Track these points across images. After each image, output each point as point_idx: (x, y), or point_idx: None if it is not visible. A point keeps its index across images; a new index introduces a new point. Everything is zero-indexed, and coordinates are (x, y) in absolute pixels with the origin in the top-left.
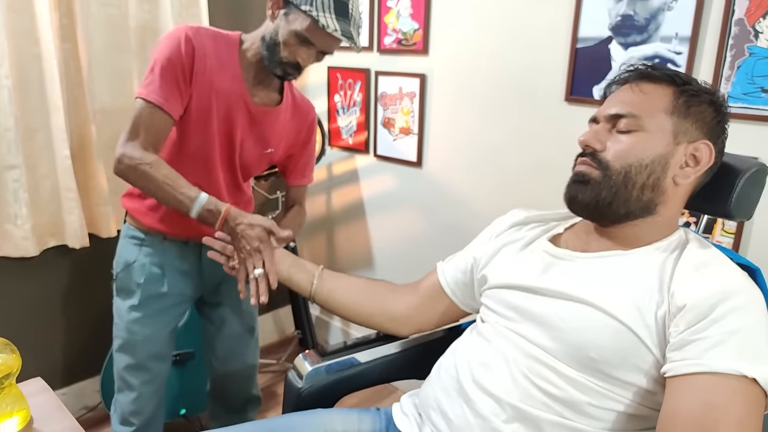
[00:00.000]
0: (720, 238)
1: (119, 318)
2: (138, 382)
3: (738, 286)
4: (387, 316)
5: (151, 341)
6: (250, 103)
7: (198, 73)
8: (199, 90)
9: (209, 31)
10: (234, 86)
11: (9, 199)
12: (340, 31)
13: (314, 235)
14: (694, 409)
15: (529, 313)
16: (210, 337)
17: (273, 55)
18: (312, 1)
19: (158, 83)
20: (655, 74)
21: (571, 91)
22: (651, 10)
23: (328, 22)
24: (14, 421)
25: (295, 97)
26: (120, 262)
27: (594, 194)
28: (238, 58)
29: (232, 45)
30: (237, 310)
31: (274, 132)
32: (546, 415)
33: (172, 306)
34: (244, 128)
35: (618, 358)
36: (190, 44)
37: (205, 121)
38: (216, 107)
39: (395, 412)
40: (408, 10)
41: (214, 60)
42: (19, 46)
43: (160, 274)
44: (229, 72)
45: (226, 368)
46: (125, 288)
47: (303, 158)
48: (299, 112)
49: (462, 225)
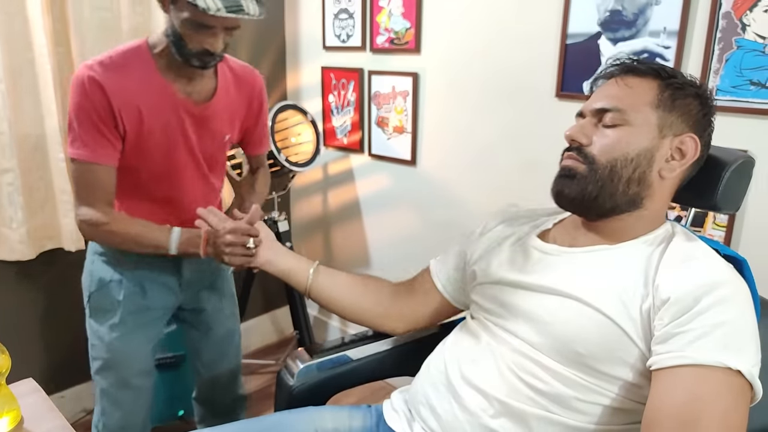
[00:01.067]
0: (712, 232)
1: (97, 339)
2: (127, 400)
3: (723, 278)
4: (381, 313)
5: (136, 358)
6: (189, 105)
7: (119, 107)
8: (130, 121)
9: (114, 56)
10: (164, 98)
11: (4, 202)
12: (224, 8)
13: (311, 235)
14: (679, 401)
15: (516, 308)
16: (195, 343)
17: (181, 49)
18: None
19: (82, 138)
20: (640, 68)
21: (562, 87)
22: (639, 5)
23: (208, 4)
24: (4, 421)
25: (234, 70)
26: (93, 281)
27: (580, 188)
28: (155, 65)
29: (144, 55)
30: (220, 314)
31: (223, 120)
32: (533, 410)
33: (155, 319)
34: (194, 131)
35: (604, 351)
36: (96, 86)
37: (152, 146)
38: (158, 127)
39: (386, 408)
40: (400, 9)
41: (132, 82)
42: (13, 50)
43: (140, 288)
44: (153, 85)
45: (213, 372)
46: (102, 307)
47: (258, 128)
48: (244, 85)
49: (456, 222)
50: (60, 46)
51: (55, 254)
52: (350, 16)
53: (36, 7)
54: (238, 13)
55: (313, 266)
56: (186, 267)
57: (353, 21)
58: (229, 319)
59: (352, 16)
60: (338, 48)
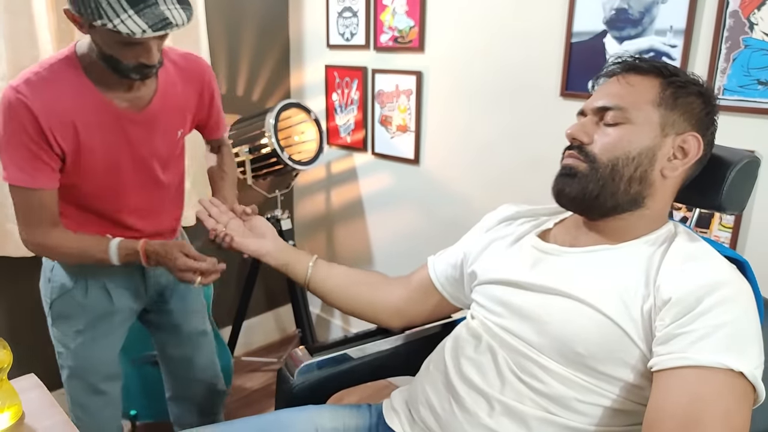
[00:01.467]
0: (718, 233)
1: (63, 347)
2: (97, 407)
3: (725, 279)
4: (378, 307)
5: (103, 363)
6: (131, 115)
7: (51, 128)
8: (66, 140)
9: (41, 72)
10: (100, 110)
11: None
12: (150, 28)
13: (314, 233)
14: (680, 402)
15: (517, 308)
16: (163, 344)
17: (116, 66)
18: (99, 11)
19: (15, 164)
20: (642, 66)
21: (567, 86)
22: (645, 4)
23: (131, 27)
24: (5, 416)
25: (176, 63)
26: (54, 287)
27: (581, 187)
28: (88, 78)
29: (74, 67)
30: (185, 312)
31: (172, 116)
32: (532, 411)
33: (120, 322)
34: (142, 140)
35: (604, 352)
36: (23, 108)
37: (95, 162)
38: (98, 144)
39: (385, 408)
40: (403, 8)
41: (64, 99)
42: (17, 48)
43: (104, 291)
44: (88, 101)
45: (186, 370)
46: (65, 314)
47: (214, 114)
48: (190, 77)
49: (459, 221)
50: (64, 44)
51: None
52: (354, 14)
53: (41, 5)
54: (165, 29)
55: (312, 259)
56: (150, 268)
57: (357, 19)
58: (195, 315)
59: (356, 14)
60: (342, 46)
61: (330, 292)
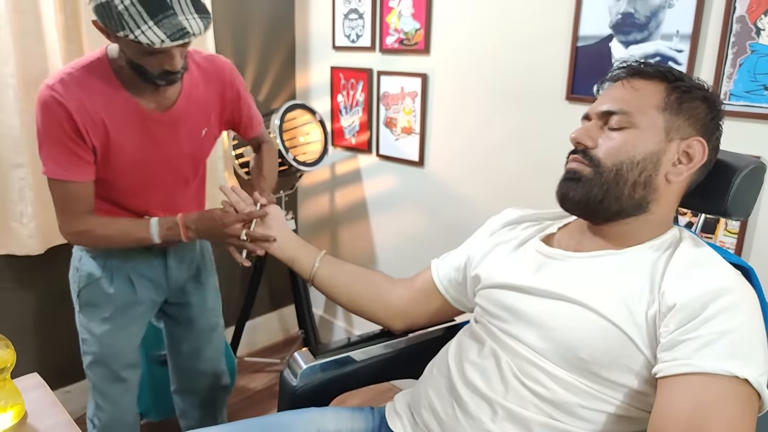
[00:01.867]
0: (723, 239)
1: (88, 333)
2: (117, 393)
3: (730, 285)
4: (381, 306)
5: (125, 351)
6: (157, 116)
7: (84, 123)
8: (97, 138)
9: (75, 72)
10: (129, 110)
11: (14, 197)
12: (168, 38)
13: (318, 234)
14: (685, 409)
15: (521, 313)
16: (176, 337)
17: (143, 74)
18: (121, 22)
19: (53, 158)
20: (647, 70)
21: (572, 90)
22: (651, 8)
23: (151, 38)
24: (8, 415)
25: (200, 65)
26: (82, 276)
27: (585, 191)
28: (118, 79)
29: (105, 69)
30: (203, 308)
31: (196, 118)
32: (536, 416)
33: (143, 313)
34: (168, 140)
35: (608, 358)
36: (58, 106)
37: (124, 162)
38: (126, 144)
39: (388, 411)
40: (409, 10)
41: (96, 99)
42: (25, 46)
43: (129, 283)
44: (117, 101)
45: (193, 364)
46: (92, 302)
47: (244, 113)
48: (212, 78)
49: (464, 224)
50: (72, 43)
51: (63, 250)
52: (360, 16)
53: (49, 4)
54: (183, 38)
55: (320, 255)
56: (172, 261)
57: (363, 21)
58: (212, 312)
59: (362, 16)
60: (348, 48)
61: (334, 289)
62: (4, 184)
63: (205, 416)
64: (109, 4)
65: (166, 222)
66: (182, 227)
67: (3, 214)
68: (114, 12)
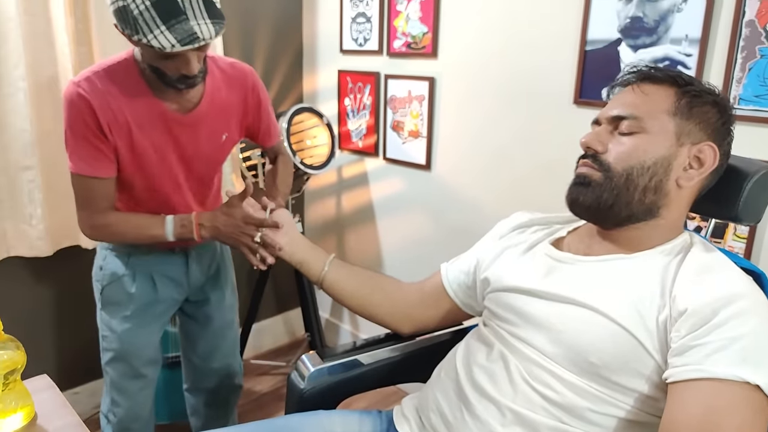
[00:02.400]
0: (732, 243)
1: (109, 330)
2: (135, 390)
3: (741, 291)
4: (389, 310)
5: (146, 348)
6: (179, 117)
7: (108, 121)
8: (120, 137)
9: (101, 71)
10: (152, 110)
11: (24, 199)
12: (178, 43)
13: (325, 238)
14: (695, 414)
15: (530, 316)
16: (192, 335)
17: (162, 77)
18: (136, 26)
19: (77, 154)
20: (657, 75)
21: (580, 94)
22: (660, 12)
23: (162, 42)
24: (18, 417)
25: (224, 70)
26: (105, 275)
27: (595, 196)
28: (144, 80)
29: (132, 70)
30: (221, 306)
31: (217, 121)
32: (545, 420)
33: (163, 311)
34: (188, 141)
35: (618, 362)
36: (83, 101)
37: (143, 159)
38: (147, 140)
39: (396, 414)
40: (417, 14)
41: (121, 99)
42: (35, 49)
43: (151, 282)
44: (142, 102)
45: (208, 362)
46: (114, 300)
47: (263, 121)
48: (234, 83)
49: (470, 227)
50: (82, 45)
51: (72, 251)
52: (368, 20)
53: (59, 7)
54: (193, 43)
55: (329, 258)
56: (192, 261)
57: (371, 25)
58: (229, 309)
59: (369, 20)
60: (355, 52)
61: (343, 293)
62: (13, 187)
63: (216, 415)
64: (125, 9)
65: (181, 219)
66: (195, 225)
67: (12, 216)
68: (130, 17)
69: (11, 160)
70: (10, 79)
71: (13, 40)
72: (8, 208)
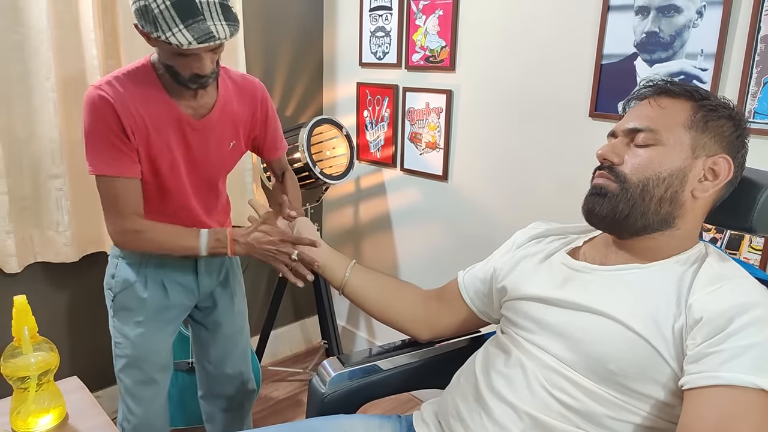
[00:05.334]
0: (747, 255)
1: (122, 337)
2: (148, 396)
3: (756, 300)
4: (410, 317)
5: (158, 354)
6: (192, 122)
7: (129, 123)
8: (140, 138)
9: (120, 76)
10: (169, 114)
11: (52, 207)
12: (195, 41)
13: (342, 247)
14: (710, 421)
15: (547, 324)
16: (204, 341)
17: (175, 76)
18: (156, 24)
19: (98, 155)
20: (674, 89)
21: (596, 107)
22: (676, 27)
23: (180, 39)
24: (51, 416)
25: (235, 81)
26: (118, 282)
27: (611, 207)
28: (161, 83)
29: (149, 74)
30: (231, 312)
31: (225, 129)
32: (563, 426)
33: (174, 317)
34: (198, 146)
35: (635, 370)
36: (105, 103)
37: (159, 162)
38: (164, 144)
39: (416, 419)
40: (435, 29)
41: (138, 100)
42: (66, 61)
43: (162, 287)
44: (158, 102)
45: (221, 370)
46: (127, 306)
47: (269, 133)
48: (245, 95)
49: (487, 237)
50: (110, 58)
51: (97, 257)
52: (387, 34)
53: (88, 21)
54: (208, 42)
55: (350, 264)
56: (202, 267)
57: (390, 39)
58: (239, 316)
59: (388, 34)
60: (374, 65)
61: (364, 298)
62: (41, 194)
63: (232, 420)
64: (147, 8)
65: (216, 233)
66: (230, 240)
67: (40, 222)
68: (150, 15)
69: (40, 168)
70: (41, 89)
71: (44, 52)
72: (34, 215)
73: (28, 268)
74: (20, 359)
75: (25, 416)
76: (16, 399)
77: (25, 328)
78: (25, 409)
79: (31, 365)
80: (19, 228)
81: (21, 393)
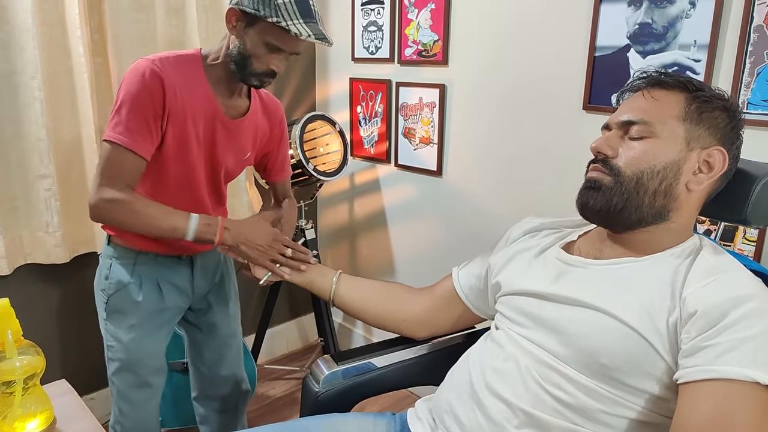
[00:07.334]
0: (741, 246)
1: (115, 340)
2: (142, 399)
3: (751, 292)
4: (402, 317)
5: (152, 357)
6: (225, 120)
7: (171, 104)
8: (174, 121)
9: (171, 57)
10: (207, 106)
11: (41, 207)
12: (314, 35)
13: (337, 244)
14: (705, 415)
15: (541, 319)
16: (198, 344)
17: (245, 68)
18: (277, 11)
19: (126, 125)
20: (667, 81)
21: (590, 100)
22: (669, 18)
23: (300, 30)
24: (37, 421)
25: (262, 97)
26: (112, 283)
27: (605, 200)
28: (205, 75)
29: (197, 63)
30: (225, 315)
31: (248, 137)
32: (557, 421)
33: (169, 319)
34: (223, 144)
35: (629, 364)
36: (156, 78)
37: (185, 149)
38: (195, 133)
39: (410, 416)
40: (428, 22)
41: (183, 85)
42: (52, 59)
43: (157, 289)
44: (199, 92)
45: (216, 372)
46: (120, 309)
47: (281, 154)
48: (268, 111)
49: (482, 233)
50: (97, 56)
51: (88, 258)
52: (379, 28)
53: (75, 18)
54: (323, 40)
55: (335, 275)
56: (197, 268)
57: (382, 33)
58: (233, 319)
59: (381, 28)
60: (367, 60)
61: (355, 306)
62: (30, 194)
63: (226, 422)
64: None
65: (206, 218)
66: (220, 227)
67: (30, 223)
68: (273, 3)
69: (28, 168)
70: (27, 88)
71: (30, 50)
72: (24, 216)
73: (18, 269)
74: (5, 363)
75: (11, 421)
76: (2, 404)
77: (9, 331)
78: (12, 413)
79: (16, 369)
80: (9, 229)
81: (7, 397)
